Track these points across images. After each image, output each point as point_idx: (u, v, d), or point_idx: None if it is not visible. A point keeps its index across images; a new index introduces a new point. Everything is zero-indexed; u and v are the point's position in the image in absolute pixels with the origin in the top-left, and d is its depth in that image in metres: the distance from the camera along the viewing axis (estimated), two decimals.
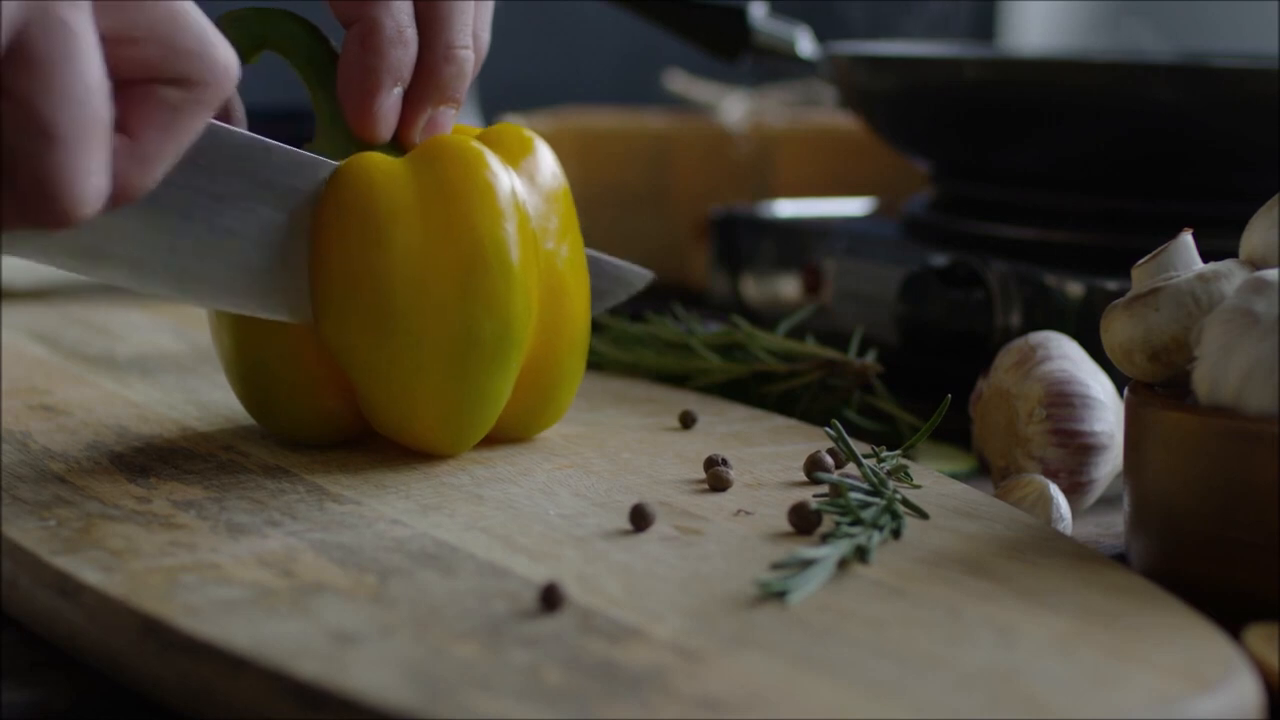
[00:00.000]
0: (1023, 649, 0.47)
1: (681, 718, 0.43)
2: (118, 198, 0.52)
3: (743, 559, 0.54)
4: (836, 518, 0.57)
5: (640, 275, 0.75)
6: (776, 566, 0.52)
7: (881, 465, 0.63)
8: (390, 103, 0.65)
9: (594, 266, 0.72)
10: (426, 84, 0.66)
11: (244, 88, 0.67)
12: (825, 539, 0.55)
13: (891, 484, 0.60)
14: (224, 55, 0.53)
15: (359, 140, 0.65)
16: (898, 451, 0.64)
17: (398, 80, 0.65)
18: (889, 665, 0.46)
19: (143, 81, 0.52)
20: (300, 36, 0.66)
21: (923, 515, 0.58)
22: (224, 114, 0.65)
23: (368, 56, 0.64)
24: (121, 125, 0.52)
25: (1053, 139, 0.84)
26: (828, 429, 0.64)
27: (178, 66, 0.52)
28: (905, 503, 0.59)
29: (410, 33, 0.65)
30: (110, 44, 0.51)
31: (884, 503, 0.57)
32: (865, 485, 0.59)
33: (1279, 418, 0.53)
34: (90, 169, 0.49)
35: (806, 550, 0.53)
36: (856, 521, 0.56)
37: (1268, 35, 1.71)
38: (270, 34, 0.66)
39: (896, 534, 0.56)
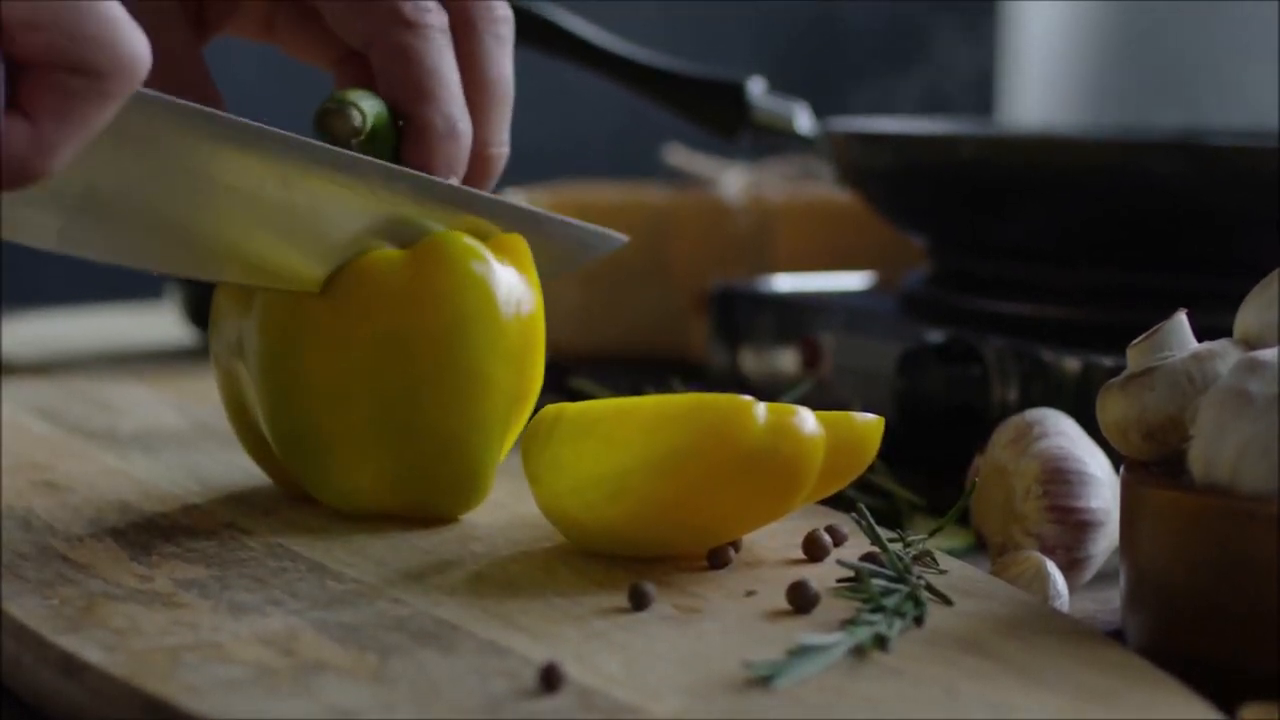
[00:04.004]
0: None
1: None
2: (13, 180, 0.52)
3: (742, 638, 0.54)
4: (858, 604, 0.57)
5: (614, 238, 0.75)
6: (792, 653, 0.52)
7: (907, 550, 0.63)
8: None
9: (555, 228, 0.71)
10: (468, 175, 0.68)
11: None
12: (845, 625, 0.55)
13: (917, 569, 0.60)
14: (131, 46, 0.52)
15: None
16: (924, 537, 0.64)
17: (452, 172, 0.68)
18: None
19: (44, 66, 0.51)
20: (387, 118, 0.67)
21: (947, 602, 0.58)
22: None
23: (423, 155, 0.67)
24: (21, 108, 0.52)
25: (1050, 216, 0.85)
26: (852, 515, 0.64)
27: (80, 53, 0.51)
28: (929, 589, 0.59)
29: (462, 125, 0.68)
30: (10, 28, 0.51)
31: (907, 589, 0.57)
32: (889, 571, 0.59)
33: (1274, 497, 0.53)
34: None
35: (821, 637, 0.53)
36: (878, 609, 0.56)
37: (1267, 109, 1.72)
38: (380, 113, 0.67)
39: (919, 621, 0.56)
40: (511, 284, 0.66)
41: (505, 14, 0.71)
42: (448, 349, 0.65)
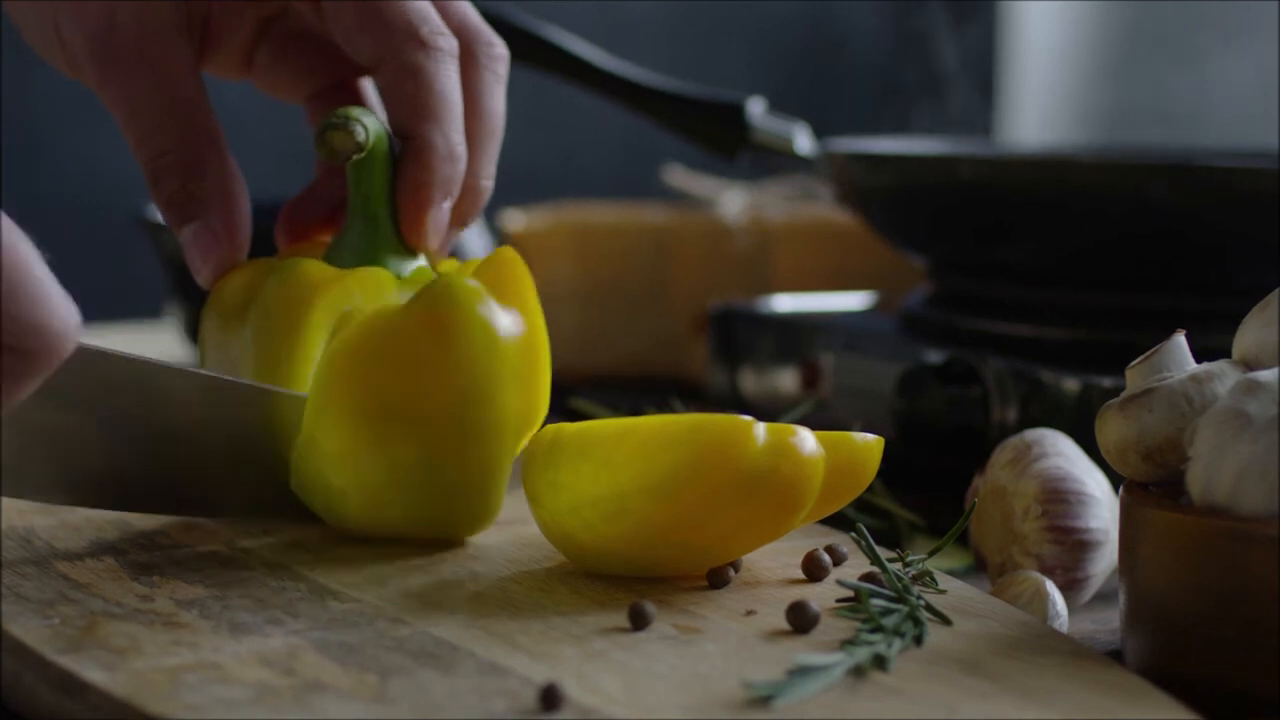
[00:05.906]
0: None
1: None
2: None
3: (741, 658, 0.54)
4: (857, 624, 0.57)
5: None
6: (791, 672, 0.52)
7: (906, 570, 0.63)
8: (441, 216, 0.69)
9: None
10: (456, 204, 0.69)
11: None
12: (844, 645, 0.55)
13: (916, 589, 0.60)
14: (60, 325, 0.51)
15: (406, 247, 0.67)
16: (923, 557, 0.64)
17: (448, 195, 0.68)
18: None
19: None
20: (386, 140, 0.68)
21: (946, 621, 0.59)
22: (230, 208, 0.67)
23: (422, 173, 0.68)
24: None
25: (1049, 236, 0.85)
26: (852, 535, 0.64)
27: (8, 336, 0.50)
28: (929, 608, 0.59)
29: (461, 149, 0.69)
30: None
31: (906, 609, 0.57)
32: (888, 591, 0.59)
33: (1273, 518, 0.53)
34: None
35: (820, 657, 0.53)
36: (877, 629, 0.56)
37: (1266, 129, 1.72)
38: (380, 133, 0.67)
39: (919, 641, 0.56)
40: (515, 324, 0.65)
41: (503, 53, 0.72)
42: (461, 409, 0.64)
